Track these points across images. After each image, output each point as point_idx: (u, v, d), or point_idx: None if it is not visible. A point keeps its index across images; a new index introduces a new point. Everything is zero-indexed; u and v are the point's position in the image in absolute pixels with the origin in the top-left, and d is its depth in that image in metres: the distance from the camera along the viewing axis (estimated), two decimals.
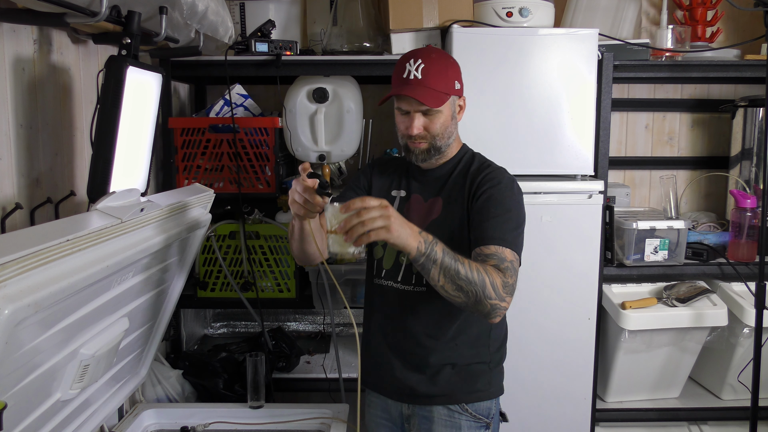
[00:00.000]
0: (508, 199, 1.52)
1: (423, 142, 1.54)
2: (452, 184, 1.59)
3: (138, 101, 1.57)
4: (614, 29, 2.43)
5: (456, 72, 1.56)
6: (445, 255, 1.34)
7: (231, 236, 2.26)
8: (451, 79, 1.53)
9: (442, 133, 1.54)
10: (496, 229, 1.47)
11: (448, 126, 1.55)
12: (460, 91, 1.57)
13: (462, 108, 1.60)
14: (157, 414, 1.91)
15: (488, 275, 1.36)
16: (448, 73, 1.53)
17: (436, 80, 1.50)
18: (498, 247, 1.44)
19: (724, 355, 2.36)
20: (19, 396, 1.14)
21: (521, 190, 1.57)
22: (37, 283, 1.01)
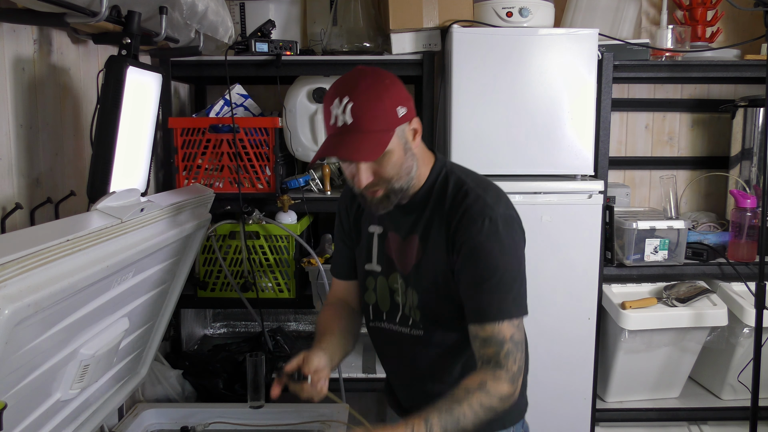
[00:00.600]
0: (495, 252, 1.28)
1: (378, 189, 1.30)
2: (427, 220, 1.36)
3: (138, 101, 1.57)
4: (614, 29, 2.43)
5: (396, 96, 1.26)
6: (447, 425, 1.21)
7: (231, 236, 2.26)
8: (390, 109, 1.25)
9: (398, 173, 1.29)
10: (489, 301, 1.29)
11: (403, 162, 1.29)
12: (409, 115, 1.29)
13: (417, 131, 1.32)
14: (157, 414, 1.91)
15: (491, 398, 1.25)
16: (385, 103, 1.24)
17: (371, 120, 1.23)
18: (494, 325, 1.28)
19: (724, 355, 2.36)
20: (19, 396, 1.14)
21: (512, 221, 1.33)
22: (37, 283, 1.01)
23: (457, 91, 2.12)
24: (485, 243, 1.28)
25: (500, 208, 1.31)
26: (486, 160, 2.15)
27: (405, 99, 1.28)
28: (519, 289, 1.33)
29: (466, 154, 2.15)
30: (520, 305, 1.33)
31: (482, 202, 1.30)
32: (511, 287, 1.31)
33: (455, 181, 1.35)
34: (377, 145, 1.23)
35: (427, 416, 1.22)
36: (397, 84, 1.28)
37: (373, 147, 1.23)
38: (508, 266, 1.31)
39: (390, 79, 1.28)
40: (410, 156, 1.31)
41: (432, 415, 1.22)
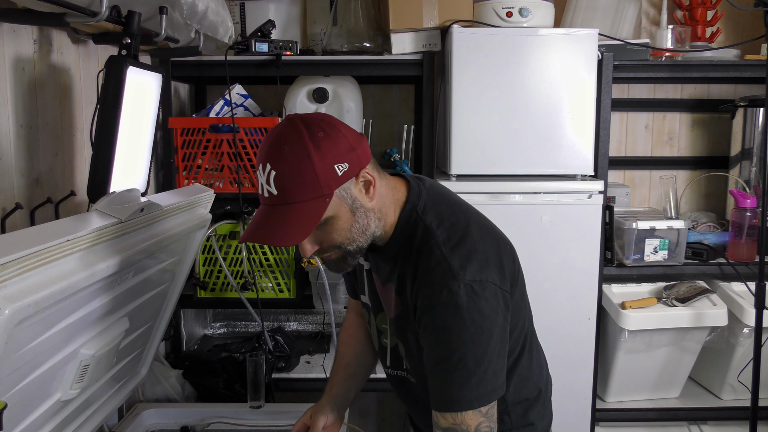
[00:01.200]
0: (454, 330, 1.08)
1: (330, 253, 1.15)
2: (400, 272, 1.20)
3: (138, 101, 1.57)
4: (614, 29, 2.43)
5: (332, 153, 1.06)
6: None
7: (231, 236, 2.26)
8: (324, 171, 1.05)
9: (348, 237, 1.13)
10: (446, 388, 1.11)
11: (352, 225, 1.12)
12: (354, 169, 1.09)
13: (371, 182, 1.12)
14: (157, 414, 1.91)
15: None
16: (316, 166, 1.04)
17: (297, 189, 1.04)
18: (454, 415, 1.10)
19: (724, 355, 2.36)
20: (19, 396, 1.14)
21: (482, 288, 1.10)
22: (37, 283, 1.01)
23: (457, 91, 2.12)
24: (443, 319, 1.09)
25: (467, 274, 1.10)
26: (486, 160, 2.15)
27: (346, 151, 1.07)
28: (486, 370, 1.10)
29: (465, 154, 2.15)
30: (485, 391, 1.11)
31: (445, 267, 1.10)
32: (474, 371, 1.09)
33: (423, 232, 1.16)
34: (307, 220, 1.06)
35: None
36: (334, 135, 1.07)
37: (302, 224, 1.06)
38: (470, 347, 1.09)
39: (325, 130, 1.07)
40: (362, 214, 1.12)
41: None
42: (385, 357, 1.37)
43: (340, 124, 1.11)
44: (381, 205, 1.16)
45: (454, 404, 1.10)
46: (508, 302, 1.15)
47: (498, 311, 1.12)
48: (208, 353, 2.39)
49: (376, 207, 1.15)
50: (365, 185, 1.13)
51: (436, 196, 1.23)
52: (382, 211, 1.17)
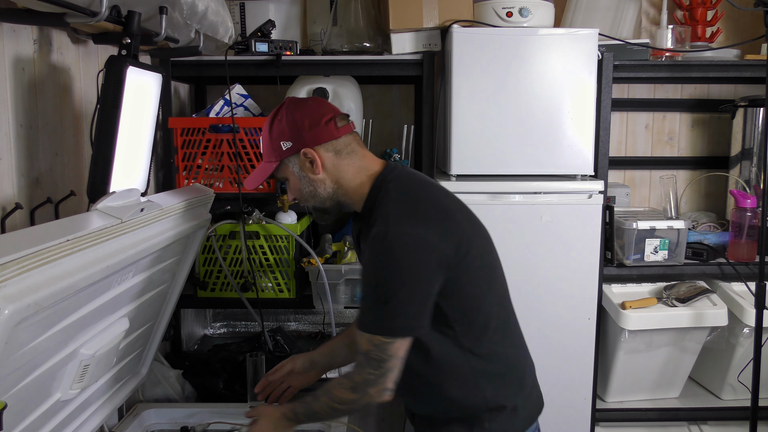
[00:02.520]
0: (375, 267, 1.30)
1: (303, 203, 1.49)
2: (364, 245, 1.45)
3: (138, 101, 1.57)
4: (614, 29, 2.43)
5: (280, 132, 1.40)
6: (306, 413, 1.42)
7: (231, 236, 2.26)
8: (274, 144, 1.41)
9: (302, 196, 1.46)
10: (360, 310, 1.35)
11: (300, 188, 1.44)
12: (294, 148, 1.40)
13: (315, 159, 1.40)
14: (157, 414, 1.91)
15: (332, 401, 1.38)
16: (271, 140, 1.42)
17: (264, 152, 1.46)
18: (358, 333, 1.33)
19: (724, 355, 2.36)
20: (19, 396, 1.14)
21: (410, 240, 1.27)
22: (37, 283, 1.01)
23: (457, 91, 2.12)
24: (370, 256, 1.31)
25: (399, 226, 1.29)
26: (486, 160, 2.15)
27: (293, 132, 1.40)
28: (390, 311, 1.28)
29: (466, 154, 2.15)
30: (382, 325, 1.29)
31: (385, 219, 1.32)
32: (380, 304, 1.29)
33: (383, 195, 1.38)
34: (258, 176, 1.47)
35: (295, 406, 1.44)
36: (287, 119, 1.41)
37: (257, 176, 1.47)
38: (383, 282, 1.28)
39: (281, 114, 1.42)
40: (307, 182, 1.43)
41: (296, 406, 1.44)
42: None
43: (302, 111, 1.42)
44: (338, 177, 1.43)
45: (361, 324, 1.32)
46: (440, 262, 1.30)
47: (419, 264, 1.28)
48: (208, 353, 2.39)
49: (328, 179, 1.43)
50: (310, 161, 1.41)
51: (409, 174, 1.45)
52: (340, 181, 1.43)
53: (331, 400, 1.38)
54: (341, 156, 1.43)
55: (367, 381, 1.32)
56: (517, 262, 2.14)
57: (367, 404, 1.34)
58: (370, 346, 1.30)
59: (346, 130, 1.43)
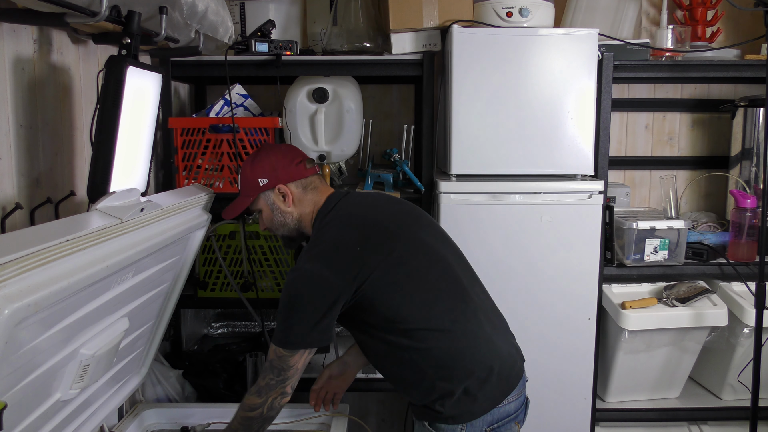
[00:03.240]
0: (283, 294, 1.53)
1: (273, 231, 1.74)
2: None
3: (138, 101, 1.57)
4: (614, 29, 2.43)
5: (258, 170, 1.66)
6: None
7: (231, 236, 2.26)
8: (253, 180, 1.66)
9: (273, 225, 1.71)
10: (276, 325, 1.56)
11: (273, 218, 1.69)
12: (271, 183, 1.66)
13: (286, 195, 1.66)
14: (157, 414, 1.91)
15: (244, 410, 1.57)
16: (249, 176, 1.67)
17: (242, 187, 1.69)
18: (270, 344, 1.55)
19: (724, 355, 2.36)
20: (19, 396, 1.14)
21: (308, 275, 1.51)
22: (37, 283, 1.01)
23: (457, 91, 2.12)
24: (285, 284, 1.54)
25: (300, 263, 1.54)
26: (486, 160, 2.15)
27: (269, 171, 1.66)
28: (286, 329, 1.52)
29: (466, 154, 2.15)
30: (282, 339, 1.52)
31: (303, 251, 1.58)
32: (282, 322, 1.52)
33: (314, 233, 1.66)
34: (238, 207, 1.70)
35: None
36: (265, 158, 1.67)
37: (234, 208, 1.71)
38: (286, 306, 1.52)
39: (262, 154, 1.69)
40: (279, 214, 1.69)
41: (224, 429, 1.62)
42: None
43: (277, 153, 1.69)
44: (301, 211, 1.69)
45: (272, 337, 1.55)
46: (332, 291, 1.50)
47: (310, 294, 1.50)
48: (208, 353, 2.39)
49: (295, 212, 1.69)
50: (283, 196, 1.67)
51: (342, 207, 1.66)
52: (302, 215, 1.69)
53: (242, 409, 1.57)
54: (306, 192, 1.69)
55: (269, 386, 1.54)
56: (517, 262, 2.14)
57: (270, 407, 1.55)
58: (274, 356, 1.53)
59: (312, 171, 1.71)
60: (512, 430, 1.64)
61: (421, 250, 1.60)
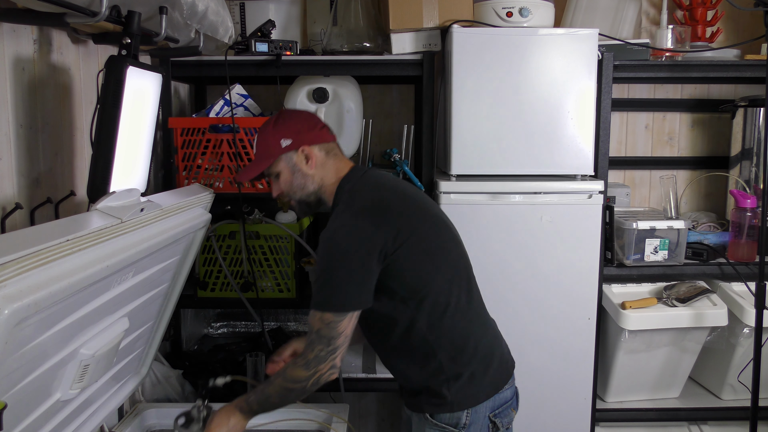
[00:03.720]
0: (327, 252, 1.48)
1: (289, 200, 1.68)
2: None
3: (138, 101, 1.57)
4: (614, 29, 2.43)
5: (282, 131, 1.61)
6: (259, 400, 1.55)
7: (231, 236, 2.26)
8: (274, 142, 1.60)
9: (292, 189, 1.64)
10: (315, 292, 1.50)
11: (293, 181, 1.63)
12: (294, 145, 1.60)
13: (310, 157, 1.61)
14: (157, 414, 1.91)
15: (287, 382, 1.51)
16: (269, 138, 1.61)
17: (258, 150, 1.64)
18: (310, 314, 1.50)
19: (724, 355, 2.36)
20: (19, 396, 1.14)
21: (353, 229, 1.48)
22: (37, 283, 1.01)
23: (457, 91, 2.12)
24: (323, 245, 1.49)
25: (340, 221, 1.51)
26: (486, 159, 2.15)
27: (293, 132, 1.61)
28: (334, 290, 1.47)
29: (466, 154, 2.15)
30: (327, 302, 1.47)
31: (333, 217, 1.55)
32: (326, 284, 1.47)
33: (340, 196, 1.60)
34: (254, 168, 1.64)
35: (248, 396, 1.56)
36: (289, 120, 1.63)
37: (251, 169, 1.64)
38: (330, 265, 1.47)
39: (285, 116, 1.64)
40: (300, 176, 1.62)
41: (251, 396, 1.56)
42: None
43: (301, 117, 1.66)
44: (322, 175, 1.63)
45: (314, 305, 1.48)
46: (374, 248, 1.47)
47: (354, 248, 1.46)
48: (208, 353, 2.39)
49: (317, 175, 1.63)
50: (305, 157, 1.61)
51: (366, 176, 1.63)
52: (323, 179, 1.63)
53: (285, 380, 1.51)
54: (329, 157, 1.64)
55: (319, 358, 1.48)
56: (517, 262, 2.14)
57: (316, 382, 1.49)
58: (321, 325, 1.47)
59: (333, 138, 1.68)
60: (511, 416, 1.66)
61: (444, 229, 1.62)
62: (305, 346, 1.51)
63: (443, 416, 1.56)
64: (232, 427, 1.54)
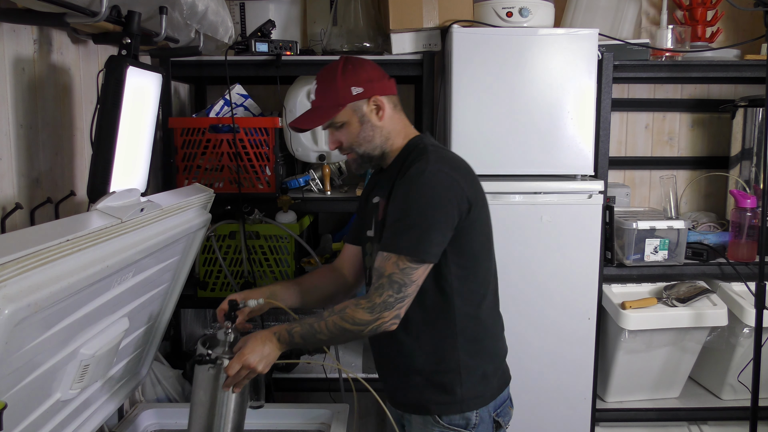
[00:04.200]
0: (414, 197, 1.42)
1: (348, 153, 1.56)
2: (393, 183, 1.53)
3: (138, 101, 1.57)
4: (614, 29, 2.43)
5: (353, 77, 1.50)
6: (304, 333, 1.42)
7: (231, 236, 2.26)
8: (343, 88, 1.49)
9: (357, 141, 1.53)
10: (387, 235, 1.43)
11: (360, 133, 1.52)
12: (365, 94, 1.51)
13: (380, 107, 1.52)
14: (157, 414, 1.91)
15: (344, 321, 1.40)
16: (338, 84, 1.50)
17: (323, 96, 1.52)
18: (381, 255, 1.42)
19: (724, 355, 2.36)
20: (19, 396, 1.14)
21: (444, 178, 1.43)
22: (37, 283, 1.01)
23: (457, 91, 2.12)
24: (409, 190, 1.43)
25: (436, 166, 1.44)
26: (486, 160, 2.15)
27: (364, 80, 1.51)
28: (421, 235, 1.40)
29: (466, 154, 2.11)
30: (411, 247, 1.39)
31: (423, 161, 1.45)
32: (413, 227, 1.40)
33: (419, 151, 1.51)
34: (320, 117, 1.51)
35: (292, 327, 1.43)
36: (359, 67, 1.52)
37: (315, 118, 1.51)
38: (416, 210, 1.41)
39: (354, 63, 1.53)
40: (368, 127, 1.52)
41: (295, 327, 1.42)
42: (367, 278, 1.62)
43: (370, 65, 1.54)
44: (390, 129, 1.54)
45: (384, 246, 1.42)
46: (461, 204, 1.44)
47: (449, 198, 1.42)
48: None
49: (385, 127, 1.54)
50: (376, 108, 1.52)
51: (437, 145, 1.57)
52: (390, 133, 1.55)
53: (342, 319, 1.40)
54: (396, 110, 1.57)
55: (387, 303, 1.39)
56: (517, 262, 2.14)
57: (375, 330, 1.40)
58: (395, 269, 1.39)
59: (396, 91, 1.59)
60: (510, 413, 1.64)
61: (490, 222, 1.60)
62: (372, 290, 1.41)
63: (453, 417, 1.51)
64: (267, 355, 1.41)
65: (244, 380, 1.42)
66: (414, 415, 1.58)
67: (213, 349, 1.49)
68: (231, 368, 1.39)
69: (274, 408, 1.89)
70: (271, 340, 1.42)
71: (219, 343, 1.51)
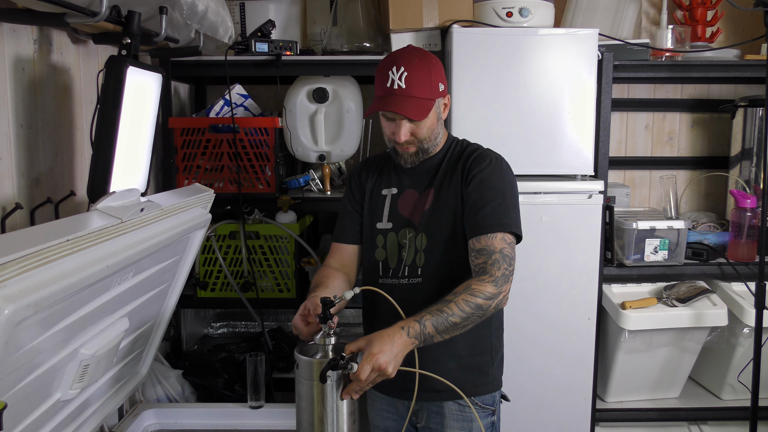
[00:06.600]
0: (499, 180, 1.53)
1: (411, 146, 1.57)
2: (443, 174, 1.60)
3: (138, 101, 1.57)
4: (614, 29, 2.43)
5: (439, 74, 1.54)
6: (437, 323, 1.34)
7: (231, 236, 2.26)
8: (434, 83, 1.52)
9: (429, 136, 1.56)
10: (489, 217, 1.49)
11: (434, 128, 1.56)
12: (444, 92, 1.57)
13: (447, 106, 1.60)
14: (157, 414, 1.91)
15: (475, 296, 1.39)
16: (432, 78, 1.51)
17: (420, 88, 1.49)
18: (488, 237, 1.47)
19: (724, 355, 2.36)
20: (19, 396, 1.14)
21: (509, 167, 1.59)
22: (37, 283, 1.01)
23: (457, 91, 2.12)
24: (492, 174, 1.53)
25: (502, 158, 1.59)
26: None
27: (444, 77, 1.57)
28: (516, 215, 1.53)
29: None
30: (515, 224, 1.52)
31: (488, 151, 1.61)
32: (510, 210, 1.52)
33: (466, 145, 1.65)
34: (423, 109, 1.51)
35: (420, 316, 1.35)
36: (439, 64, 1.56)
37: (420, 110, 1.50)
38: (509, 194, 1.53)
39: (436, 59, 1.56)
40: (440, 124, 1.59)
41: (425, 315, 1.35)
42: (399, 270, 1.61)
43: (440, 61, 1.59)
44: (442, 128, 1.62)
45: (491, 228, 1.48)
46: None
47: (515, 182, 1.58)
48: (208, 353, 2.39)
49: (443, 125, 1.62)
50: (445, 107, 1.60)
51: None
52: (441, 134, 1.62)
53: (472, 295, 1.38)
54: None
55: (505, 276, 1.44)
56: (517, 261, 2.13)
57: (499, 304, 1.43)
58: (504, 245, 1.47)
59: None
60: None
61: None
62: (489, 266, 1.44)
63: (486, 397, 1.60)
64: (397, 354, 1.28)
65: (369, 386, 1.29)
66: (447, 402, 1.58)
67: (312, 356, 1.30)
68: (362, 372, 1.24)
69: (274, 408, 1.89)
70: (401, 336, 1.30)
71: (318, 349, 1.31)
